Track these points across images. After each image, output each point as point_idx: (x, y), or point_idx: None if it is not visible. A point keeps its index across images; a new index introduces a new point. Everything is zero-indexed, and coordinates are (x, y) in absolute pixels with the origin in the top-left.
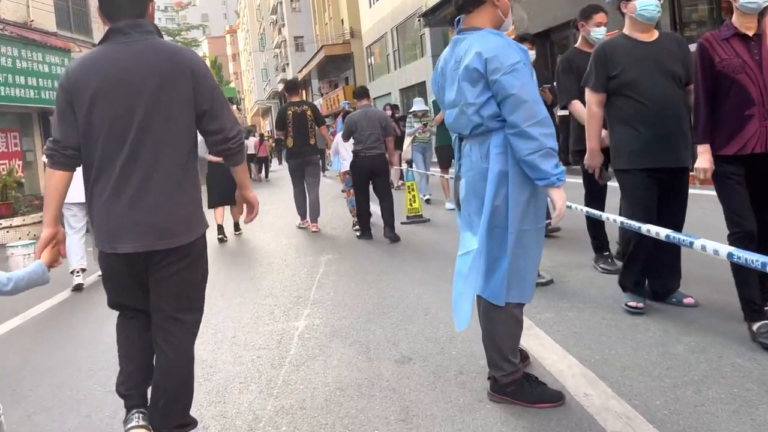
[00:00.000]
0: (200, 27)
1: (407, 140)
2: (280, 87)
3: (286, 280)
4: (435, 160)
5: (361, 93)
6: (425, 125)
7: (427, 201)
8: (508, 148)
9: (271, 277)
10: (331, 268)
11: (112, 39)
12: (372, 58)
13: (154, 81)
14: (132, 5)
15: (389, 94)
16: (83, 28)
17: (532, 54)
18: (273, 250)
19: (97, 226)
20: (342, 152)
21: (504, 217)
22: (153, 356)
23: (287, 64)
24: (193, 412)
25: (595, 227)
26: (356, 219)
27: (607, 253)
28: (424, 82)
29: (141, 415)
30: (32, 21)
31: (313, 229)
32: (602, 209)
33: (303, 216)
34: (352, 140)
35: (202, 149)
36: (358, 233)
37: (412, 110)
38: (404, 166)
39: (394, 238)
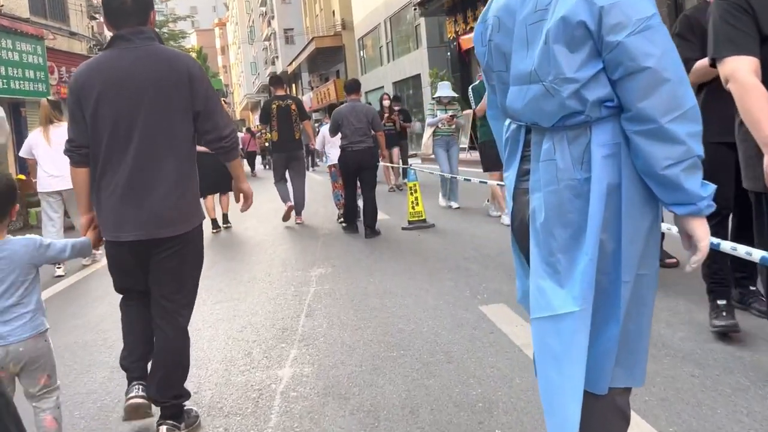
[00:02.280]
0: (187, 18)
1: (428, 132)
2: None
3: (269, 304)
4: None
5: (353, 87)
6: (453, 116)
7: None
8: (621, 147)
9: (252, 300)
10: (323, 287)
11: (115, 45)
12: (364, 50)
13: (153, 84)
14: (135, 14)
15: (382, 87)
16: (58, 14)
17: None
18: (256, 260)
19: (102, 216)
20: (327, 148)
21: (614, 258)
22: (152, 335)
23: (277, 57)
24: None
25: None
26: (341, 211)
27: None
28: (419, 75)
29: (140, 386)
30: (2, 6)
31: (297, 221)
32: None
33: (285, 200)
34: (339, 135)
35: None
36: (343, 225)
37: (436, 96)
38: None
39: (370, 234)
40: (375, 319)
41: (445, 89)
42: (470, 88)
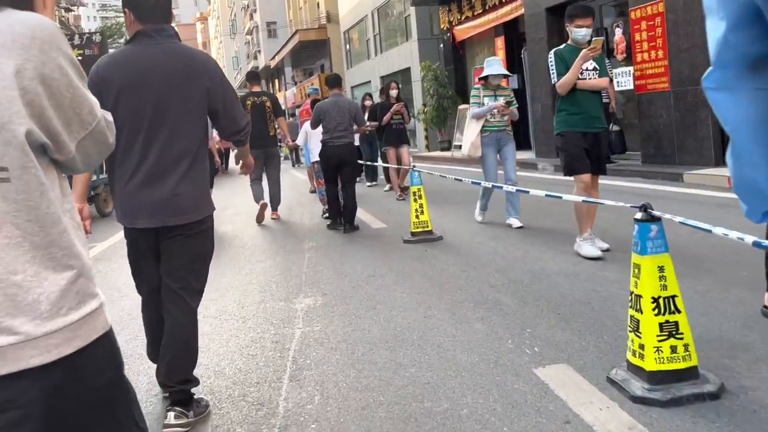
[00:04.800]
0: None
1: (474, 127)
2: None
3: (240, 356)
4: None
5: (334, 81)
6: (509, 103)
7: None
8: None
9: (217, 348)
10: (313, 329)
11: (137, 41)
12: (350, 43)
13: (171, 79)
14: (164, 12)
15: (369, 82)
16: None
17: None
18: (228, 284)
19: (119, 204)
20: (311, 143)
21: None
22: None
23: (259, 51)
24: None
25: None
26: (326, 207)
27: None
28: (409, 68)
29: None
30: None
31: (273, 216)
32: None
33: (259, 199)
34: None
35: None
36: (328, 224)
37: (483, 75)
38: (410, 163)
39: (349, 229)
40: (389, 389)
41: (496, 66)
42: (552, 53)
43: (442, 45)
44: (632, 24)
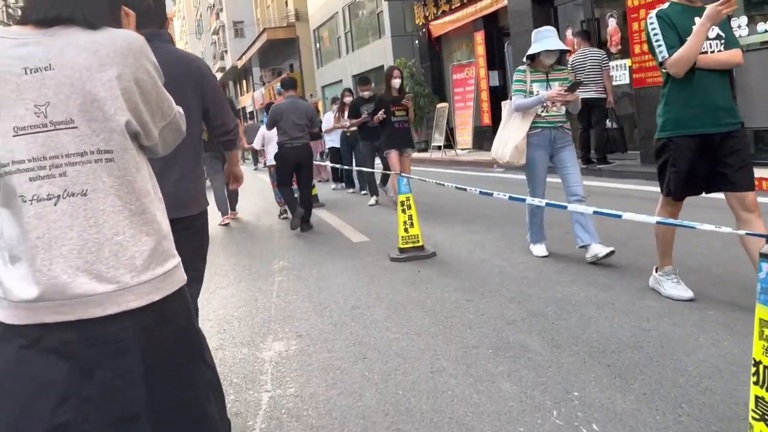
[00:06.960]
0: None
1: (517, 123)
2: (219, 75)
3: None
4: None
5: (289, 84)
6: (577, 84)
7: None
8: None
9: None
10: (285, 392)
11: None
12: (320, 42)
13: (170, 81)
14: (157, 17)
15: (341, 81)
16: None
17: None
18: None
19: None
20: (269, 146)
21: None
22: None
23: (226, 51)
24: None
25: None
26: (284, 209)
27: None
28: (382, 66)
29: None
30: None
31: (232, 216)
32: None
33: (225, 212)
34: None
35: None
36: (285, 216)
37: (530, 53)
38: (394, 164)
39: (305, 228)
40: None
41: (551, 39)
42: (654, 15)
43: (417, 41)
44: (629, 12)
